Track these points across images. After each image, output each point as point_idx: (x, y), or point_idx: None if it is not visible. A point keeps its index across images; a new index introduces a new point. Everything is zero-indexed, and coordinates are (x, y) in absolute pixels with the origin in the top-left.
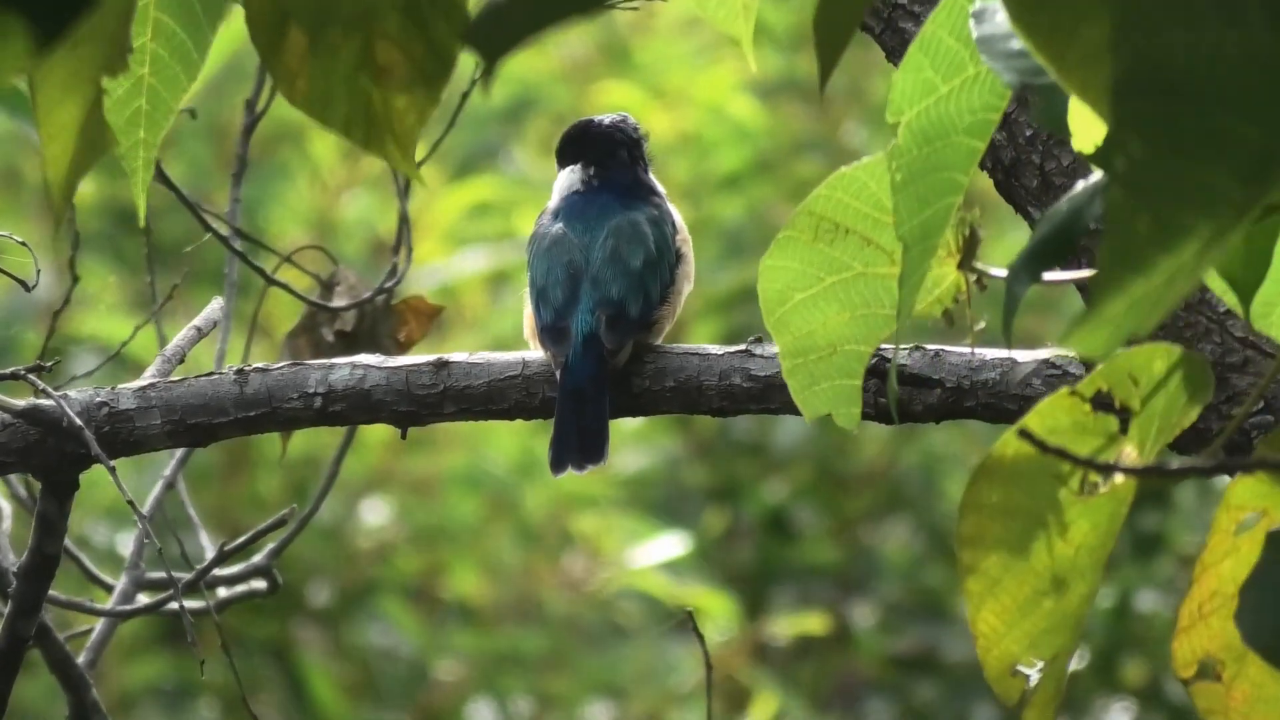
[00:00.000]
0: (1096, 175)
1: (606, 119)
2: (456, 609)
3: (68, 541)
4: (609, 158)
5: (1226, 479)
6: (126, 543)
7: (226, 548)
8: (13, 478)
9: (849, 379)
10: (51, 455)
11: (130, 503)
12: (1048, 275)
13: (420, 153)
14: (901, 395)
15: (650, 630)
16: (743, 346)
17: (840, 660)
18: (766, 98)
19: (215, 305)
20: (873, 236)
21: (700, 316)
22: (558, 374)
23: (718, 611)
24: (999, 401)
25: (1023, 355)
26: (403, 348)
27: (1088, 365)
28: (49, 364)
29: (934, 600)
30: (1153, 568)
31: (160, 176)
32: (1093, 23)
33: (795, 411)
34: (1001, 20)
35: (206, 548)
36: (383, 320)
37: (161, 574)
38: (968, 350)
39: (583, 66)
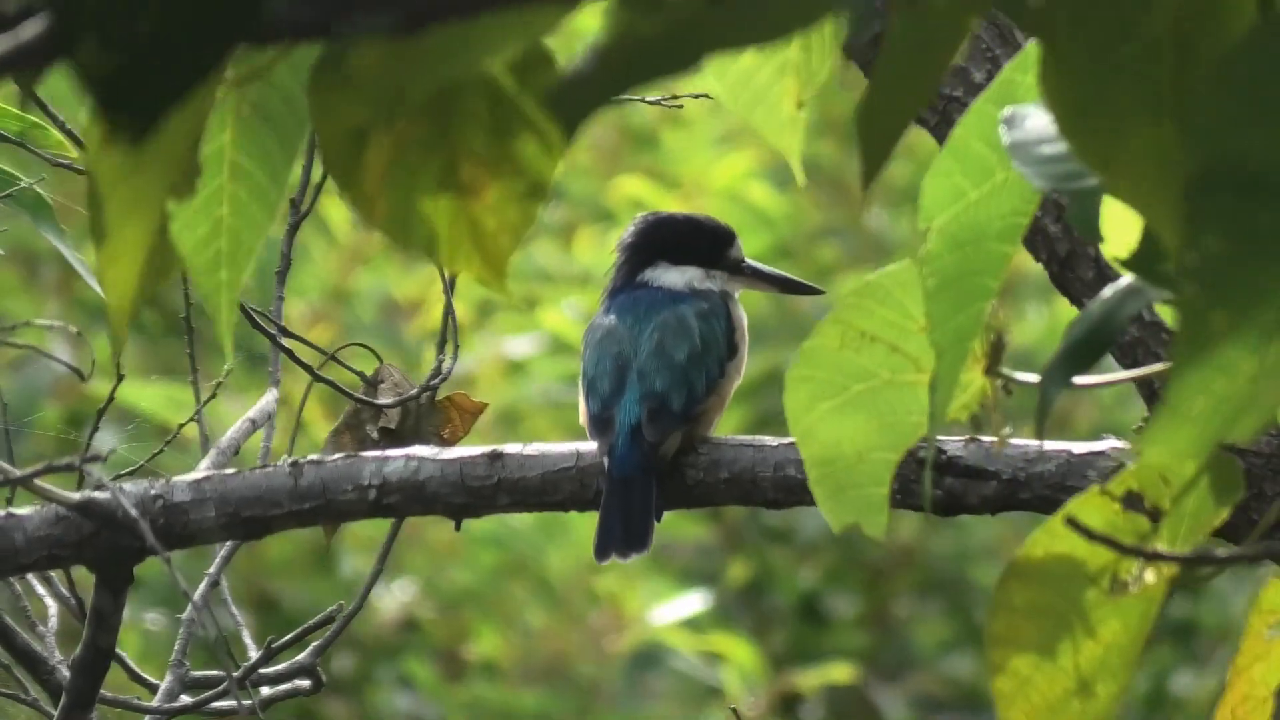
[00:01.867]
0: (1126, 279)
1: (680, 216)
2: (481, 669)
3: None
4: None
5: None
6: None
7: (273, 645)
8: (56, 574)
9: (876, 487)
10: (106, 548)
11: (187, 594)
12: (1079, 379)
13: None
14: (956, 487)
15: (676, 698)
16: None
17: None
18: (786, 185)
19: (270, 397)
20: (899, 344)
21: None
22: (604, 463)
23: (743, 659)
24: (1054, 494)
25: (1079, 447)
26: (446, 443)
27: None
28: (105, 454)
29: (965, 690)
30: (1187, 648)
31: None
32: (1140, 129)
33: None
34: (1032, 126)
35: (250, 647)
36: (427, 417)
37: (206, 672)
38: (1024, 442)
39: (607, 153)
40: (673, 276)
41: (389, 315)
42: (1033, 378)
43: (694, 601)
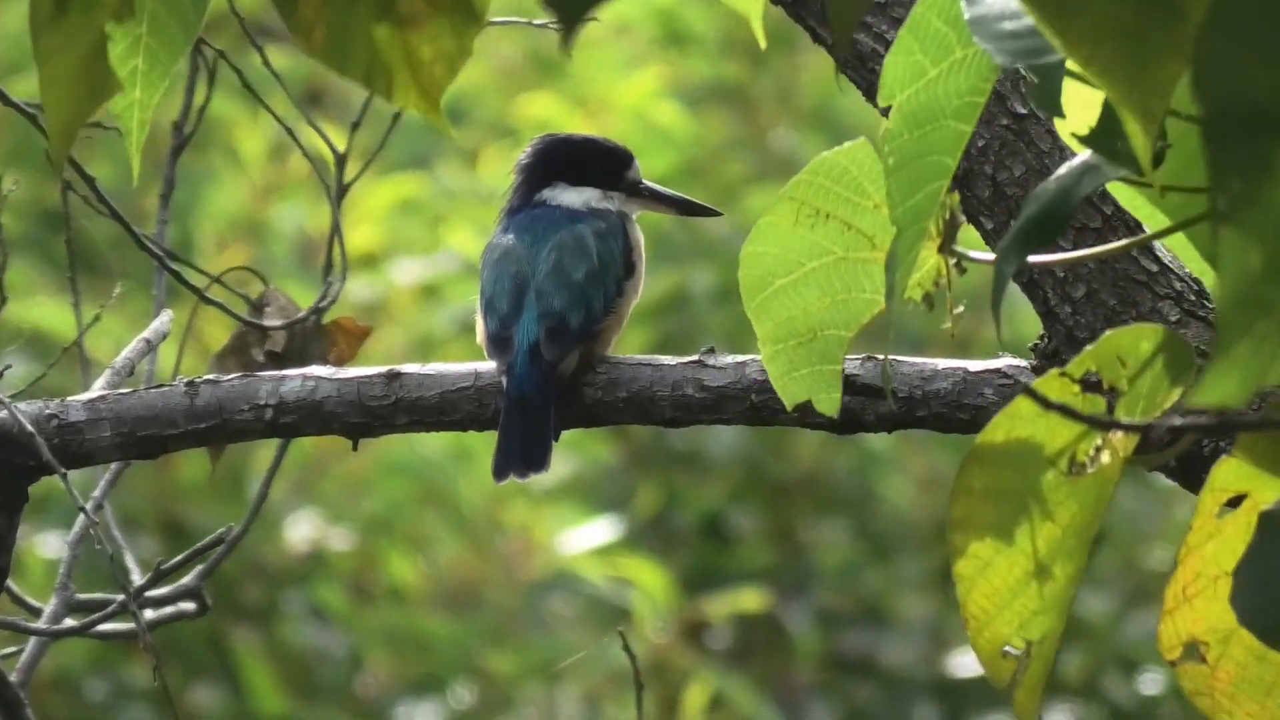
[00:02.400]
0: (1080, 158)
1: (577, 138)
2: (390, 597)
3: None
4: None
5: (1168, 479)
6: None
7: (162, 568)
8: None
9: (830, 364)
10: (1, 468)
11: (83, 509)
12: (1033, 257)
13: (352, 170)
14: (853, 405)
15: (583, 613)
16: (695, 357)
17: (779, 663)
18: (694, 104)
19: (164, 318)
20: (853, 221)
21: (629, 325)
22: (503, 382)
23: (654, 586)
24: (951, 411)
25: (975, 365)
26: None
27: (1038, 375)
28: None
29: (871, 604)
30: (1094, 565)
31: (91, 188)
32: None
33: (748, 422)
34: (994, 1)
35: (133, 570)
36: (313, 340)
37: (92, 595)
38: (920, 360)
39: (513, 75)
40: (570, 196)
41: (303, 249)
42: (987, 256)
43: (603, 529)
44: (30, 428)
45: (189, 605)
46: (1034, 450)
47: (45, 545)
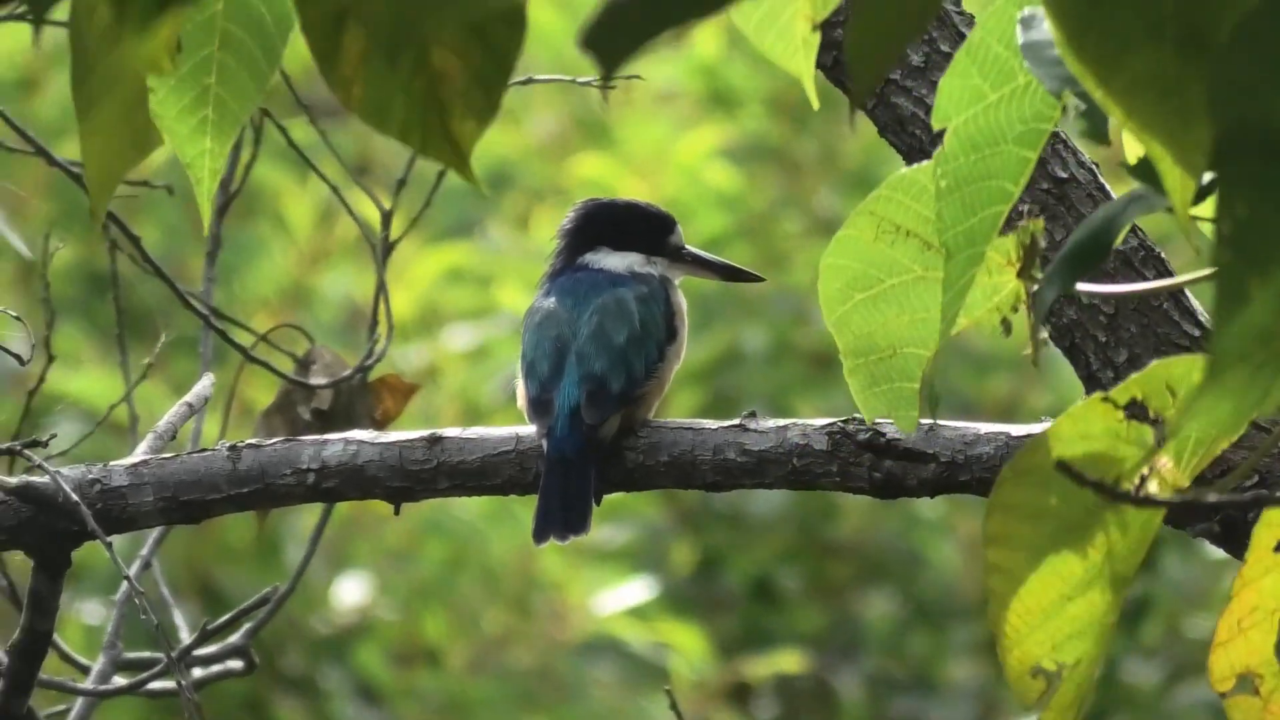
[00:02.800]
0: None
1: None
2: (429, 661)
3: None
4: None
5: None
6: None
7: (209, 627)
8: None
9: (908, 381)
10: (44, 532)
11: (126, 577)
12: (1081, 285)
13: (398, 228)
14: (895, 469)
15: (619, 674)
16: (737, 421)
17: None
18: (739, 165)
19: (206, 382)
20: (933, 241)
21: (679, 387)
22: (543, 445)
23: (690, 648)
24: (993, 476)
25: (1018, 429)
26: (379, 425)
27: None
28: (45, 439)
29: (919, 670)
30: (1140, 633)
31: (136, 247)
32: (1141, 50)
33: (789, 486)
34: (1047, 27)
35: (181, 627)
36: (359, 398)
37: (138, 654)
38: (963, 425)
39: (559, 142)
40: (613, 261)
41: (349, 316)
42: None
43: (639, 590)
44: (75, 496)
45: (236, 664)
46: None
47: (85, 612)
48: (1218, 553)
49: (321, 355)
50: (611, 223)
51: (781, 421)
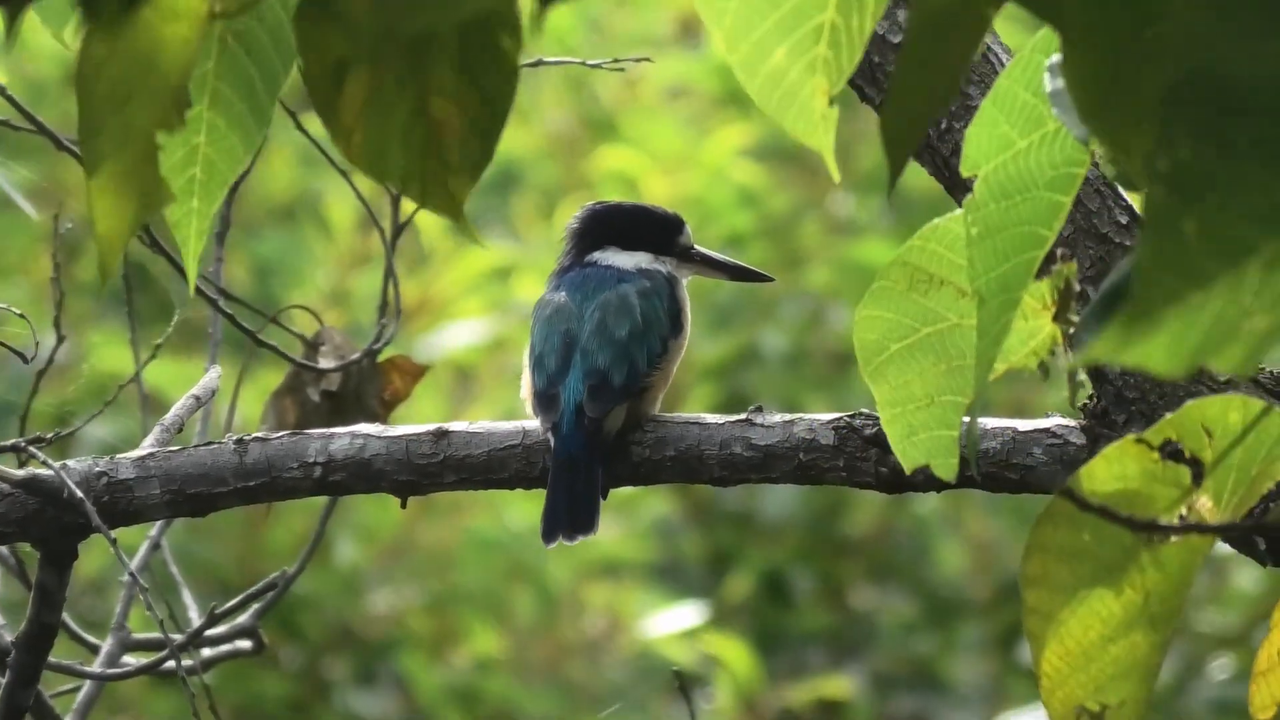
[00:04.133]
0: None
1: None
2: (476, 667)
3: None
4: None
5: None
6: (99, 608)
7: (217, 611)
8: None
9: (947, 429)
10: (51, 525)
11: (130, 571)
12: None
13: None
14: (900, 465)
15: (661, 689)
16: (743, 416)
17: None
18: (757, 162)
19: (213, 374)
20: (967, 288)
21: (694, 384)
22: (549, 441)
23: (739, 665)
24: (1000, 471)
25: (1024, 425)
26: (388, 407)
27: (1087, 434)
28: (49, 436)
29: (926, 668)
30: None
31: (146, 233)
32: (1152, 123)
33: (795, 480)
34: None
35: (190, 608)
36: (369, 380)
37: (147, 635)
38: (969, 420)
39: (567, 140)
40: (621, 259)
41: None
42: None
43: (689, 614)
44: (79, 492)
45: (245, 644)
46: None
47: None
48: (1224, 548)
49: (331, 337)
50: (620, 223)
51: (788, 416)
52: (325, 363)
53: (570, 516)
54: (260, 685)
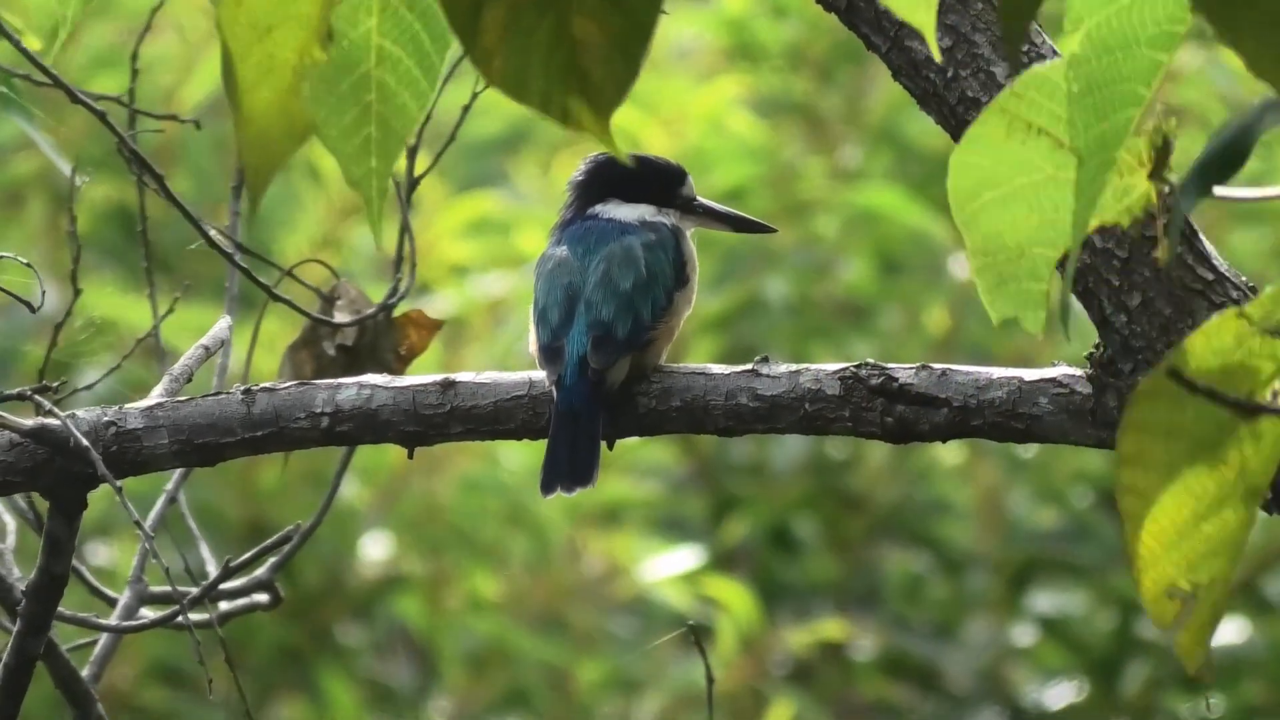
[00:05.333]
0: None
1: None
2: (474, 611)
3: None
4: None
5: None
6: (111, 559)
7: (232, 564)
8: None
9: (1037, 282)
10: (59, 475)
11: (136, 521)
12: (1219, 190)
13: (421, 165)
14: (908, 415)
15: (663, 635)
16: (749, 366)
17: (841, 678)
18: (765, 117)
19: (223, 324)
20: (1065, 140)
21: (698, 334)
22: (553, 392)
23: (739, 607)
24: (1006, 420)
25: (1030, 374)
26: (404, 361)
27: (1093, 384)
28: (55, 384)
29: (936, 618)
30: None
31: (161, 187)
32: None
33: (801, 431)
34: None
35: (207, 559)
36: (384, 334)
37: (164, 588)
38: (975, 369)
39: None
40: (624, 211)
41: (380, 267)
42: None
43: (688, 557)
44: (85, 442)
45: (262, 597)
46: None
47: (95, 554)
48: None
49: (346, 291)
50: (623, 175)
51: (794, 367)
52: (341, 317)
53: (570, 468)
54: (263, 633)
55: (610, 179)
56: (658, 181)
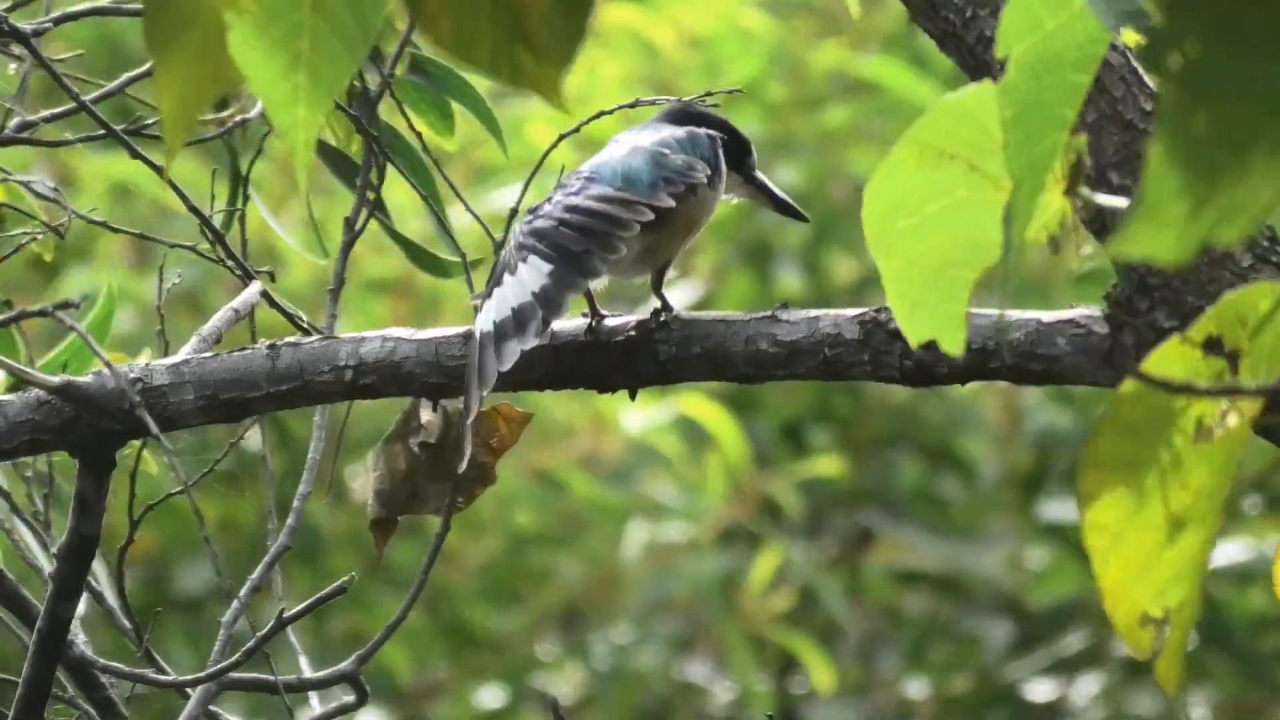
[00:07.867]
0: None
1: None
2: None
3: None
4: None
5: None
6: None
7: (284, 617)
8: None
9: (954, 304)
10: (87, 432)
11: (178, 473)
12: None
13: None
14: (925, 357)
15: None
16: (768, 313)
17: (851, 580)
18: (779, 18)
19: (254, 288)
20: (977, 163)
21: (718, 280)
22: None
23: (728, 442)
24: (1024, 362)
25: (1048, 316)
26: (495, 454)
27: (1110, 323)
28: (77, 301)
29: (948, 517)
30: None
31: (156, 172)
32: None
33: (821, 376)
34: None
35: (300, 656)
36: (472, 429)
37: (243, 674)
38: (991, 311)
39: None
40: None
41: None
42: (1114, 200)
43: (675, 407)
44: (126, 387)
45: (349, 698)
46: (1160, 418)
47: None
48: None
49: (420, 413)
50: (705, 123)
51: (813, 312)
52: (419, 440)
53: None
54: None
55: (693, 120)
56: (734, 142)
